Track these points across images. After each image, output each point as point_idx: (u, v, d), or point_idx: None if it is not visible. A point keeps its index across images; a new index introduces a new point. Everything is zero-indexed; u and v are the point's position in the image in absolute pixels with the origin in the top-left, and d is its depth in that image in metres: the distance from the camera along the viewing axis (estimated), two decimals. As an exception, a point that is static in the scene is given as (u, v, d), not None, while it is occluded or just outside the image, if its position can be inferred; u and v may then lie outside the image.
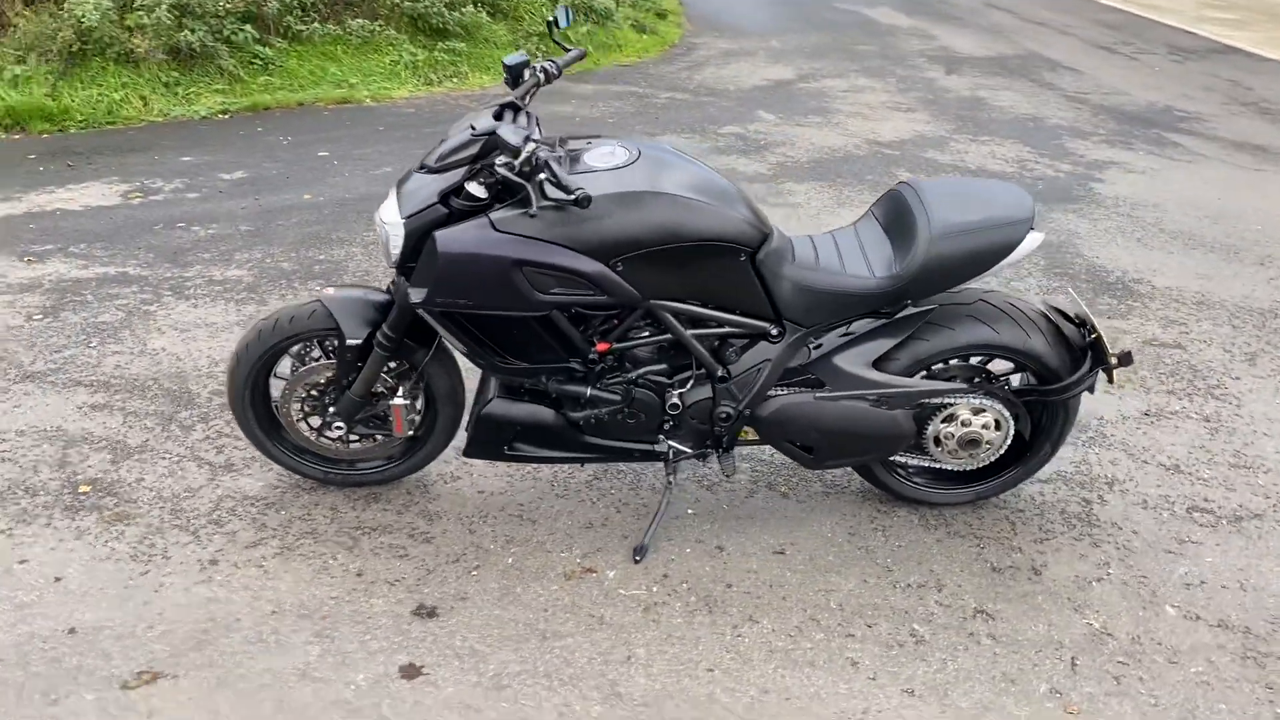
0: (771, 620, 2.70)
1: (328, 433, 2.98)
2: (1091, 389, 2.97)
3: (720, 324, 2.78)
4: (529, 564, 2.87)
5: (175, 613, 2.65)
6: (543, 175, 2.39)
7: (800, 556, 2.95)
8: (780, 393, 2.86)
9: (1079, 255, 5.32)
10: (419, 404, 3.00)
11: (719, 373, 2.82)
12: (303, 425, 3.01)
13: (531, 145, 2.44)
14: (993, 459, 3.03)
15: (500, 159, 2.45)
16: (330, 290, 2.86)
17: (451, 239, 2.55)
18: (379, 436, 3.03)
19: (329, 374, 2.91)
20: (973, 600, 2.81)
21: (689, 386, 2.86)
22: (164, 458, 3.29)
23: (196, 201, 5.64)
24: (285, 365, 2.99)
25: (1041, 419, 3.06)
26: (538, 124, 2.72)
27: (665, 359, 2.85)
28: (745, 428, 2.94)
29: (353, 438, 3.03)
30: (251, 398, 2.97)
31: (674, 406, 2.84)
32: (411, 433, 2.99)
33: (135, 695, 2.40)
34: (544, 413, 2.87)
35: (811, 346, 2.85)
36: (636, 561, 2.90)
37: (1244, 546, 3.05)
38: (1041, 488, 3.30)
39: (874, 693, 2.49)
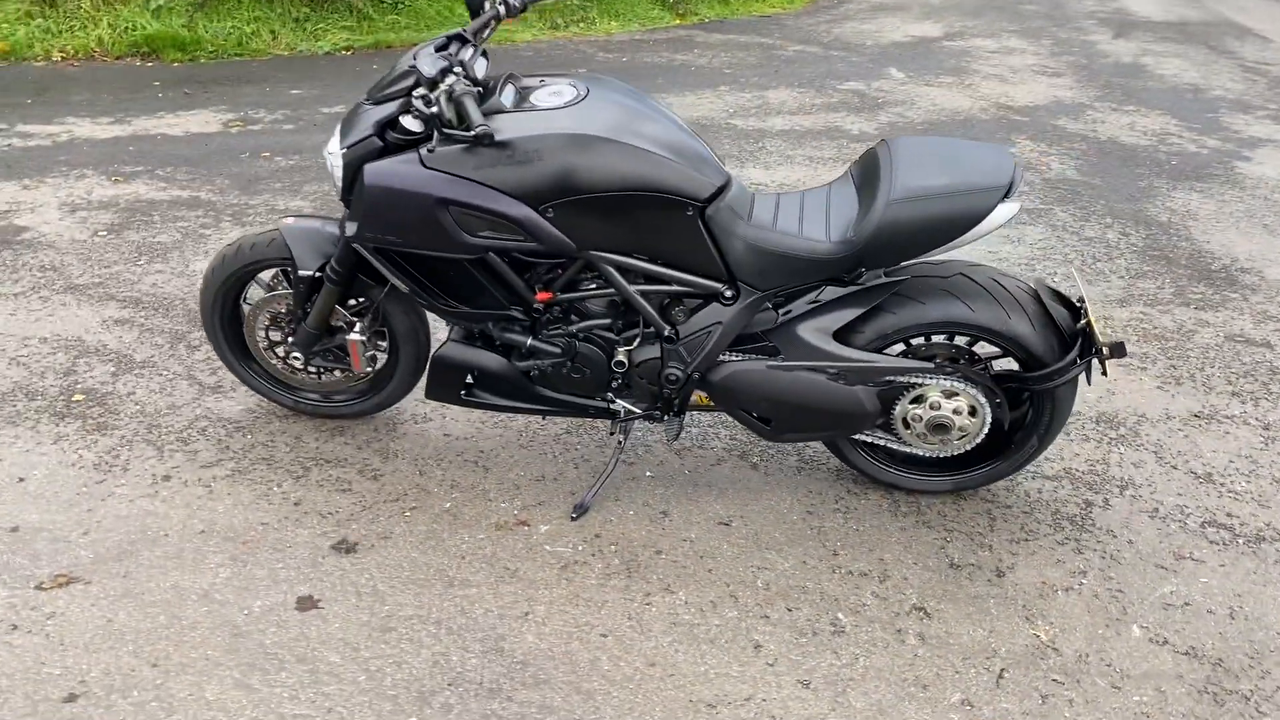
0: (688, 592, 2.59)
1: (290, 362, 3.01)
2: (1089, 379, 2.69)
3: (668, 281, 2.64)
4: (465, 511, 2.83)
5: (113, 522, 2.73)
6: (433, 109, 2.31)
7: (745, 530, 2.81)
8: (733, 358, 2.71)
9: (1187, 239, 4.86)
10: (382, 341, 2.99)
11: (667, 332, 2.69)
12: (268, 353, 3.05)
13: (451, 78, 2.36)
14: (969, 447, 2.80)
15: (417, 91, 2.39)
16: (290, 219, 2.87)
17: (378, 173, 2.51)
18: (340, 371, 3.03)
19: (289, 303, 2.92)
20: (915, 595, 2.61)
21: (636, 345, 2.74)
22: (161, 374, 3.40)
23: (289, 133, 5.80)
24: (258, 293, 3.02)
25: (1029, 410, 2.80)
26: (484, 57, 2.63)
27: (612, 314, 2.74)
28: (700, 393, 2.81)
29: (314, 369, 3.04)
30: (220, 323, 3.02)
31: (619, 364, 2.73)
32: (371, 370, 2.99)
33: (45, 596, 2.49)
34: (495, 360, 2.81)
35: (779, 312, 2.68)
36: (573, 519, 2.82)
37: (1252, 570, 2.72)
38: (1043, 484, 3.04)
39: (767, 679, 2.35)
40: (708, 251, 2.58)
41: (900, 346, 2.78)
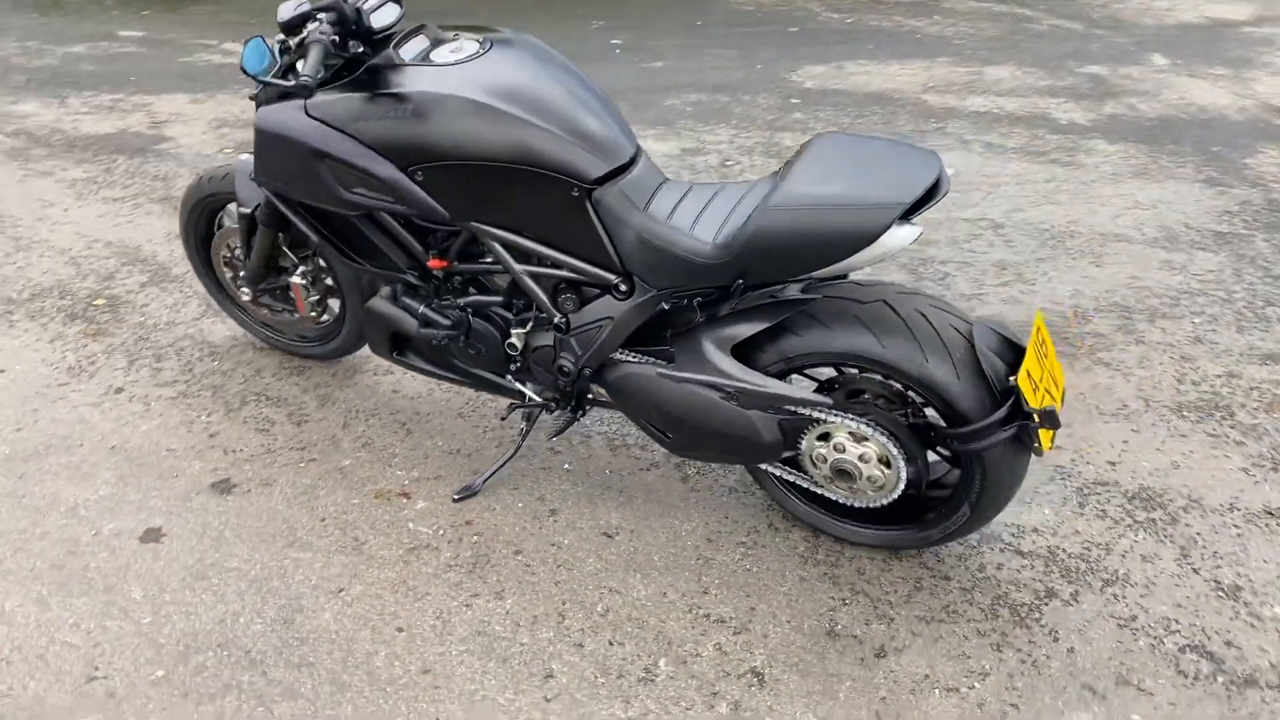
0: (517, 601, 2.39)
1: (241, 297, 3.04)
2: (1037, 451, 2.23)
3: (557, 265, 2.43)
4: (359, 473, 2.76)
5: (47, 424, 2.89)
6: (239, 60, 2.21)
7: (626, 546, 2.56)
8: (628, 358, 2.46)
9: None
10: (330, 287, 2.95)
11: (557, 320, 2.47)
12: (231, 285, 3.09)
13: (313, 25, 2.25)
14: (885, 501, 2.40)
15: (277, 36, 2.30)
16: (246, 155, 2.86)
17: (266, 116, 2.46)
18: (290, 312, 3.03)
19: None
20: (762, 657, 2.28)
21: (529, 328, 2.54)
22: (183, 291, 3.55)
23: (458, 71, 5.87)
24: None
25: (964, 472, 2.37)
26: (397, 4, 2.48)
27: (508, 293, 2.56)
28: (601, 389, 2.58)
29: (270, 307, 3.05)
30: (195, 251, 3.09)
31: (512, 347, 2.55)
32: (317, 314, 2.96)
33: (-61, 484, 2.66)
34: (410, 322, 2.71)
35: (703, 314, 2.41)
36: (454, 500, 2.68)
37: (1211, 717, 2.17)
38: (1010, 559, 2.57)
39: (532, 714, 2.13)
40: (597, 238, 2.33)
41: (831, 373, 2.42)
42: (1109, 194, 4.67)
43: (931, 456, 2.37)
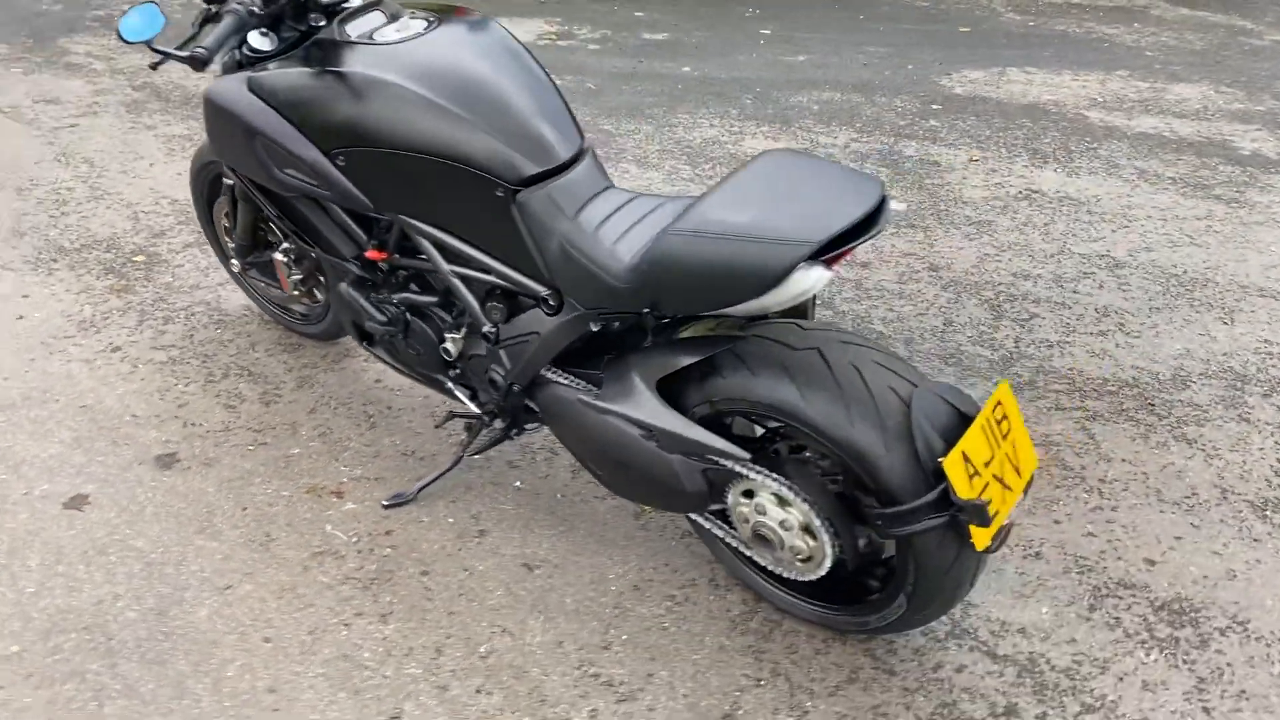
0: (401, 628, 2.22)
1: (233, 267, 2.99)
2: (974, 542, 1.88)
3: (486, 270, 2.23)
4: (303, 463, 2.66)
5: (36, 376, 2.92)
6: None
7: (539, 582, 2.35)
8: (558, 378, 2.24)
9: None
10: (318, 266, 2.86)
11: (486, 329, 2.28)
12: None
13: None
14: (813, 576, 2.09)
15: (203, 6, 2.19)
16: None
17: (214, 89, 2.38)
18: (278, 289, 2.95)
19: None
20: (636, 736, 2.02)
21: (463, 334, 2.36)
22: (219, 256, 3.54)
23: (589, 53, 5.74)
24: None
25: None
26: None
27: (443, 293, 2.39)
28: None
29: (265, 281, 2.99)
30: (203, 218, 3.06)
31: (447, 352, 2.38)
32: (298, 293, 2.87)
33: (-96, 427, 2.72)
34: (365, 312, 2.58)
35: (648, 338, 2.18)
36: (384, 506, 2.53)
37: None
38: (978, 661, 2.21)
39: (358, 760, 1.95)
40: (523, 245, 2.12)
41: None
42: (1270, 240, 4.04)
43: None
